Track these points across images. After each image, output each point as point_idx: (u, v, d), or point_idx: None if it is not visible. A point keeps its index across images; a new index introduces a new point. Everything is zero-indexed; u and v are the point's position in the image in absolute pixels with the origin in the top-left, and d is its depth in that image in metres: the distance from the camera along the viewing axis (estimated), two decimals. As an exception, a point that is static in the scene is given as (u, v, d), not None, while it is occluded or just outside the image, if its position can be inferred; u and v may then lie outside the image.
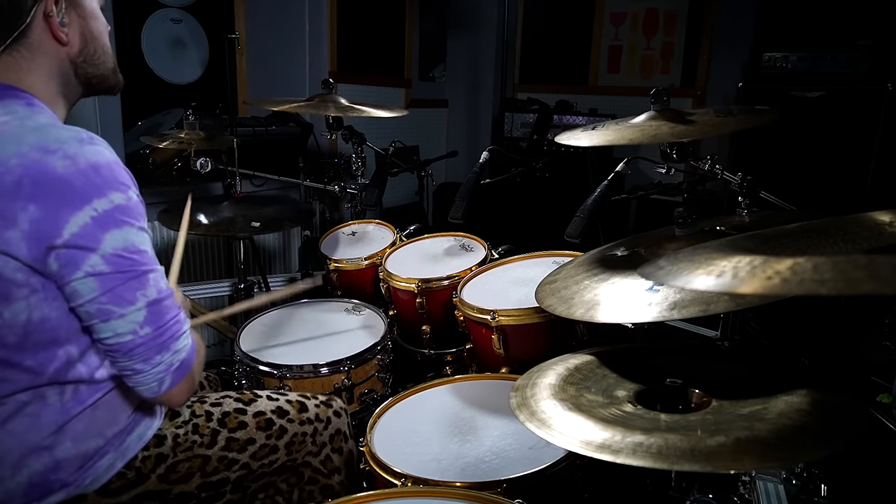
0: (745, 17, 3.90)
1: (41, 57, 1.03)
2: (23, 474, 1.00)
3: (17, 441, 0.99)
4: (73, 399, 1.03)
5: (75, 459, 1.04)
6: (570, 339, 1.66)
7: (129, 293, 0.97)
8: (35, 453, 1.00)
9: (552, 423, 1.03)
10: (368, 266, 2.26)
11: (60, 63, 1.06)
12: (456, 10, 5.12)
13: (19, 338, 0.95)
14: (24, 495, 1.01)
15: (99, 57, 1.10)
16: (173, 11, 3.50)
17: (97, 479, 1.07)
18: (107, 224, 0.94)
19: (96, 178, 0.94)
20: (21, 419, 0.99)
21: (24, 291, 0.93)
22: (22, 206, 0.89)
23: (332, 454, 1.38)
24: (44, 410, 1.00)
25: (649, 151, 1.69)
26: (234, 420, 1.26)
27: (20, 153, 0.91)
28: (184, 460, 1.18)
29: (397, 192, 4.29)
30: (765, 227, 0.96)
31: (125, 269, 0.96)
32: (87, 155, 0.94)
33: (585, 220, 1.59)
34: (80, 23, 1.06)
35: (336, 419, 1.41)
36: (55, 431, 1.02)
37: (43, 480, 1.02)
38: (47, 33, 1.02)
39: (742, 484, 1.23)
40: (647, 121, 1.47)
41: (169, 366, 1.03)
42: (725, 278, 0.71)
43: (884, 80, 3.17)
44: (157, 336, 1.01)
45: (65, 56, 1.06)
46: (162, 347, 1.01)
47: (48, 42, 1.03)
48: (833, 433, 0.89)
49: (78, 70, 1.09)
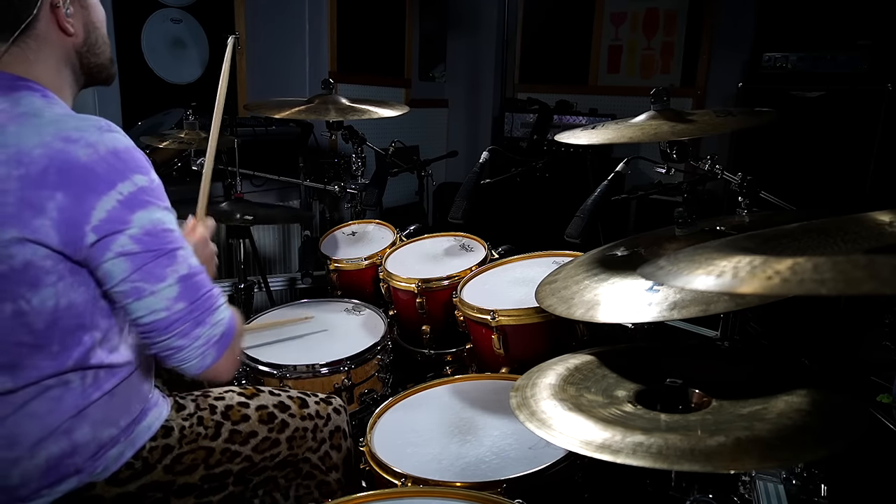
0: (745, 17, 3.90)
1: (49, 47, 1.05)
2: (41, 456, 1.02)
3: (39, 423, 1.01)
4: (93, 384, 1.05)
5: (91, 445, 1.06)
6: (570, 339, 1.66)
7: (160, 269, 0.99)
8: (54, 436, 1.02)
9: (552, 423, 1.03)
10: (368, 266, 2.26)
11: (67, 53, 1.08)
12: (456, 10, 5.12)
13: (47, 324, 0.98)
14: (40, 478, 1.02)
15: (100, 46, 1.13)
16: (173, 11, 3.50)
17: (108, 467, 1.09)
18: (133, 205, 0.97)
19: (117, 163, 0.97)
20: (43, 402, 1.01)
21: (52, 278, 0.95)
22: (49, 195, 0.92)
23: (330, 451, 1.38)
24: (66, 394, 1.03)
25: (649, 151, 1.69)
26: (237, 413, 1.28)
27: (43, 143, 0.94)
28: (188, 452, 1.19)
29: (397, 192, 4.30)
30: (765, 227, 0.96)
31: (154, 247, 0.99)
32: (106, 142, 0.97)
33: (585, 220, 1.60)
34: (83, 13, 1.09)
35: (336, 416, 1.42)
36: (75, 415, 1.04)
37: (59, 464, 1.03)
38: (54, 24, 1.05)
39: (742, 484, 1.23)
40: (647, 120, 1.47)
41: (209, 339, 1.06)
42: (725, 278, 0.71)
43: (884, 80, 3.17)
44: (192, 310, 1.03)
45: (70, 46, 1.08)
46: (199, 321, 1.04)
47: (55, 33, 1.05)
48: (833, 433, 0.89)
49: (82, 60, 1.11)
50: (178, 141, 2.39)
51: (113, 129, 1.01)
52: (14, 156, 0.93)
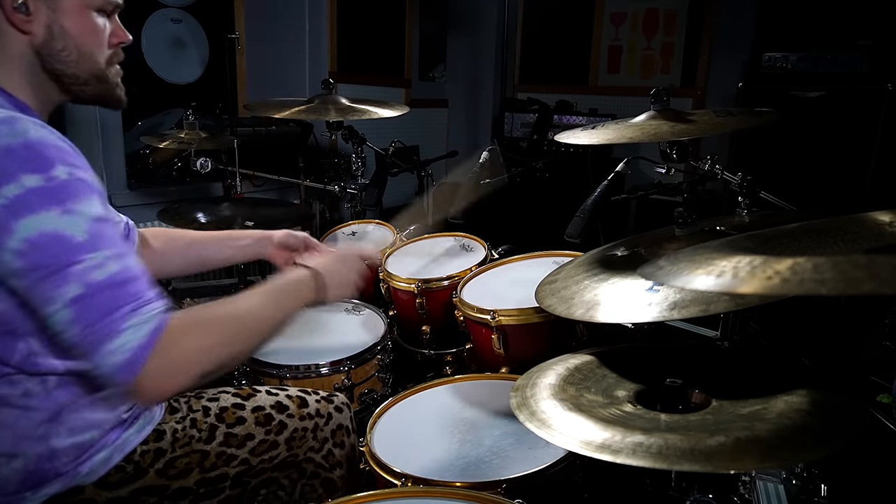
0: (745, 17, 3.90)
1: (1, 38, 1.01)
2: (17, 461, 1.00)
3: (10, 430, 1.00)
4: (59, 389, 1.02)
5: (71, 450, 1.04)
6: (570, 339, 1.66)
7: (47, 293, 0.87)
8: (29, 441, 1.00)
9: (552, 423, 1.03)
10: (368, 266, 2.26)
11: (21, 51, 1.03)
12: (456, 10, 5.12)
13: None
14: (19, 482, 1.01)
15: (69, 56, 1.05)
16: (173, 11, 3.50)
17: (94, 471, 1.07)
18: (17, 211, 0.86)
19: (4, 160, 0.87)
20: (10, 410, 0.99)
21: None
22: None
23: (333, 449, 1.36)
24: (32, 402, 1.00)
25: (649, 151, 1.69)
26: (231, 415, 1.25)
27: None
28: (182, 455, 1.17)
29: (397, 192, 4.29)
30: (765, 227, 0.96)
31: (41, 263, 0.87)
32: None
33: (585, 220, 1.60)
34: (49, 15, 1.02)
35: (338, 414, 1.39)
36: (47, 421, 1.01)
37: (38, 468, 1.02)
38: (3, 17, 1.00)
39: (742, 484, 1.23)
40: (647, 120, 1.47)
41: (113, 366, 0.89)
42: (725, 278, 0.71)
43: (884, 80, 3.17)
44: (86, 335, 0.88)
45: (27, 44, 1.02)
46: (94, 348, 0.89)
47: (5, 26, 1.00)
48: (833, 433, 0.89)
49: (45, 63, 1.04)
50: (178, 141, 2.39)
51: (14, 122, 0.90)
52: None
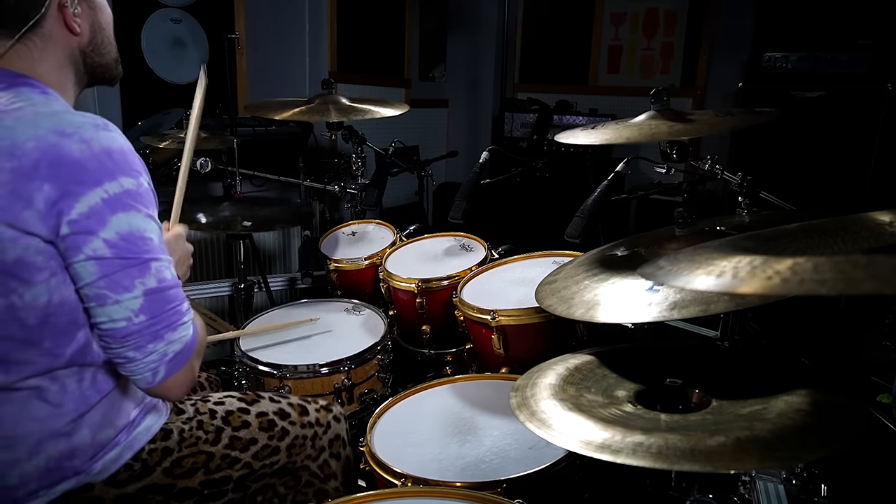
0: (745, 17, 3.90)
1: (53, 46, 1.05)
2: (40, 458, 1.02)
3: (39, 426, 1.01)
4: (91, 387, 1.05)
5: (90, 448, 1.07)
6: (570, 339, 1.66)
7: (128, 280, 0.97)
8: (54, 439, 1.03)
9: (552, 423, 1.03)
10: (368, 266, 2.26)
11: (71, 53, 1.08)
12: (456, 10, 5.12)
13: (39, 320, 0.97)
14: (38, 479, 1.03)
15: (105, 47, 1.14)
16: (173, 11, 3.50)
17: (106, 468, 1.09)
18: (115, 207, 0.96)
19: (109, 162, 0.96)
20: (44, 406, 1.01)
21: (44, 275, 0.95)
22: (38, 187, 0.92)
23: (329, 459, 1.38)
24: (65, 398, 1.03)
25: (649, 151, 1.69)
26: (237, 419, 1.27)
27: (37, 136, 0.93)
28: (188, 455, 1.19)
29: (397, 192, 4.30)
30: (765, 227, 0.96)
31: (127, 254, 0.97)
32: (101, 140, 0.97)
33: (585, 220, 1.59)
34: (91, 14, 1.10)
35: (336, 424, 1.42)
36: (75, 419, 1.04)
37: (58, 466, 1.04)
38: (60, 23, 1.05)
39: (742, 484, 1.23)
40: (647, 120, 1.47)
41: (162, 355, 1.01)
42: (725, 278, 0.71)
43: (884, 80, 3.17)
44: (151, 324, 1.00)
45: (75, 46, 1.08)
46: (155, 336, 1.00)
47: (60, 32, 1.05)
48: (833, 433, 0.89)
49: (86, 59, 1.11)
50: (177, 141, 2.39)
51: (111, 129, 1.00)
52: (7, 149, 0.92)
